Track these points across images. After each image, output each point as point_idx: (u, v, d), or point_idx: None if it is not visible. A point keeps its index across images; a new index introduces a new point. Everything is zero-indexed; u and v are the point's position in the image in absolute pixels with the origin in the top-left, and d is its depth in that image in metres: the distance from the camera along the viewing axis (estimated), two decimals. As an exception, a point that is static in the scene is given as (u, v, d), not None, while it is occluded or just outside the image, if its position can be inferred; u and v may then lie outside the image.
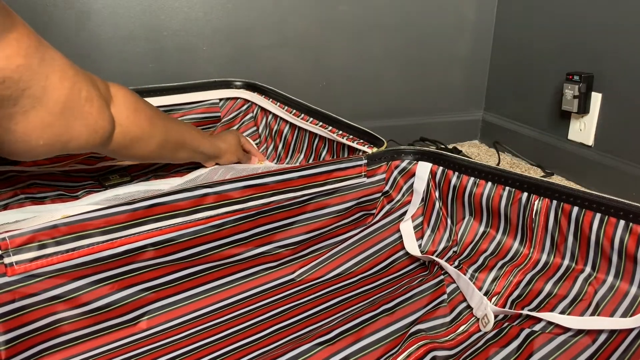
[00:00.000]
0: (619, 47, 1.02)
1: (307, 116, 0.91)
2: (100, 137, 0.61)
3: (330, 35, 1.21)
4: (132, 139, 0.67)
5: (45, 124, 0.55)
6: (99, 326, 0.52)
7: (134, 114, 0.67)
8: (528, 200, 0.61)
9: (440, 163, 0.71)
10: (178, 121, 0.79)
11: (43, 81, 0.53)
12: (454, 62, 1.37)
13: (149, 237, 0.54)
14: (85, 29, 1.02)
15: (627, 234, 0.53)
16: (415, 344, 0.52)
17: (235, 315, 0.59)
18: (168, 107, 1.00)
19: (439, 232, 0.70)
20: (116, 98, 0.65)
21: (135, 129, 0.67)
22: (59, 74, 0.55)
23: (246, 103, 1.06)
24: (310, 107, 0.91)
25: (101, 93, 0.62)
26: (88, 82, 0.59)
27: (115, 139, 0.65)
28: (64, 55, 0.57)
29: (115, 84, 0.67)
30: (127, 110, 0.66)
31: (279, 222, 0.63)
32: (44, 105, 0.54)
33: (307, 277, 0.65)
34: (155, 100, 0.98)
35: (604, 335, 0.50)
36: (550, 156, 1.21)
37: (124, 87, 0.68)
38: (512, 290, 0.60)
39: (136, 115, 0.67)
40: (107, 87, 0.65)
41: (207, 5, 1.09)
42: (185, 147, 0.78)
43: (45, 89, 0.53)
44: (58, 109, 0.55)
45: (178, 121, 0.79)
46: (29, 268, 0.48)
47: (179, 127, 0.77)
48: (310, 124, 0.89)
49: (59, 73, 0.55)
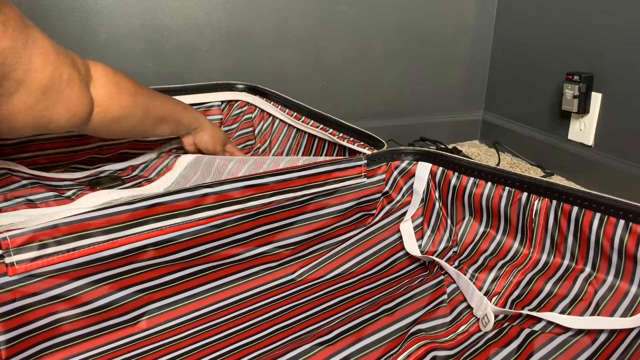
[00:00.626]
0: (619, 47, 1.02)
1: (308, 119, 0.91)
2: (79, 119, 0.63)
3: (330, 35, 1.21)
4: (112, 118, 0.68)
5: (28, 106, 0.56)
6: (99, 326, 0.53)
7: (115, 94, 0.68)
8: (528, 200, 0.61)
9: (440, 163, 0.71)
10: (160, 95, 0.79)
11: (26, 64, 0.54)
12: (454, 62, 1.37)
13: (149, 237, 0.54)
14: (85, 28, 1.02)
15: (627, 234, 0.53)
16: (416, 344, 0.52)
17: (235, 316, 0.59)
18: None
19: (439, 233, 0.70)
20: (96, 77, 0.66)
21: (116, 108, 0.68)
22: (42, 57, 0.56)
23: (246, 105, 1.06)
24: (310, 109, 0.91)
25: (81, 74, 0.62)
26: (69, 64, 0.60)
27: (95, 119, 0.66)
28: (45, 35, 0.57)
29: (96, 63, 0.67)
30: (107, 90, 0.67)
31: (279, 222, 0.63)
32: (26, 88, 0.55)
33: (307, 277, 0.65)
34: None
35: (604, 335, 0.50)
36: (550, 156, 1.21)
37: (105, 66, 0.68)
38: (512, 290, 0.60)
39: (117, 95, 0.68)
40: (87, 66, 0.65)
41: (207, 6, 1.09)
42: (167, 121, 0.79)
43: (28, 72, 0.54)
44: (40, 92, 0.56)
45: (160, 95, 0.79)
46: (29, 268, 0.48)
47: (161, 100, 0.77)
48: (311, 127, 0.89)
49: (42, 56, 0.56)
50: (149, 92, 0.76)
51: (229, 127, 1.06)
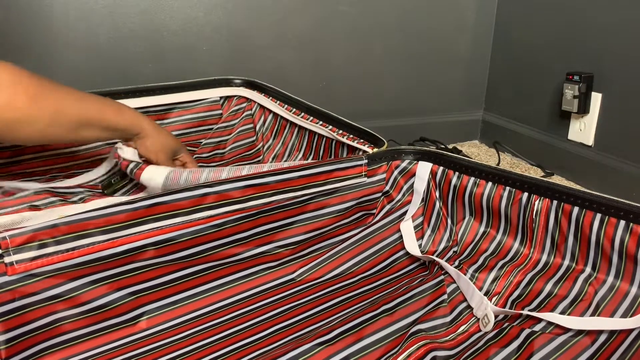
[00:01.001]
0: (619, 47, 1.02)
1: (307, 115, 0.91)
2: None
3: (330, 35, 1.21)
4: (8, 123, 0.62)
5: None
6: (99, 326, 0.52)
7: (10, 96, 0.61)
8: (528, 201, 0.61)
9: (440, 163, 0.71)
10: (86, 97, 0.71)
11: None
12: (454, 62, 1.37)
13: (149, 237, 0.54)
14: (85, 28, 1.02)
15: (628, 235, 0.53)
16: (416, 344, 0.52)
17: (235, 315, 0.59)
18: (168, 105, 1.00)
19: (439, 232, 0.70)
20: None
21: (10, 111, 0.62)
22: None
23: (246, 101, 1.06)
24: (310, 105, 0.91)
25: None
26: None
27: None
28: None
29: None
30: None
31: (279, 221, 0.63)
32: None
33: (307, 277, 0.65)
34: (155, 99, 0.98)
35: (604, 336, 0.50)
36: (550, 156, 1.21)
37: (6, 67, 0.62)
38: (512, 290, 0.60)
39: (12, 96, 0.62)
40: None
41: (207, 6, 1.09)
42: (92, 126, 0.71)
43: None
44: None
45: (86, 97, 0.71)
46: (29, 267, 0.48)
47: (82, 104, 0.70)
48: (310, 123, 0.89)
49: None
50: (67, 94, 0.68)
51: (228, 123, 1.06)
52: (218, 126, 1.05)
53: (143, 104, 0.97)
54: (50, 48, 1.01)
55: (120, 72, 1.06)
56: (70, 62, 1.03)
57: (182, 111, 1.02)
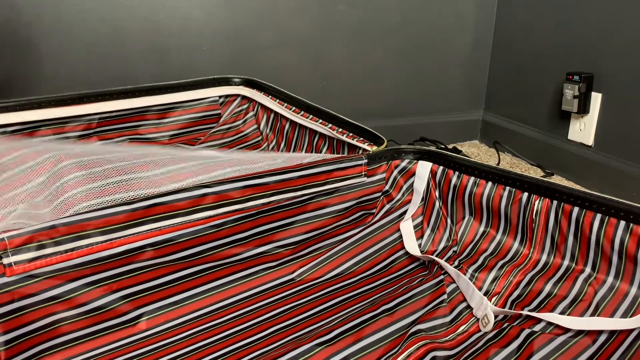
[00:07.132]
0: (619, 47, 1.02)
1: (307, 113, 0.91)
2: None
3: (330, 35, 1.21)
4: None
5: None
6: (98, 326, 0.52)
7: None
8: (528, 201, 0.61)
9: (440, 162, 0.71)
10: None
11: None
12: (454, 62, 1.37)
13: (148, 237, 0.54)
14: (85, 28, 1.02)
15: (628, 235, 0.52)
16: (415, 344, 0.52)
17: (235, 316, 0.59)
18: (167, 105, 1.00)
19: (438, 232, 0.70)
20: None
21: None
22: None
23: (247, 101, 1.06)
24: (309, 104, 0.91)
25: None
26: None
27: None
28: None
29: None
30: None
31: (278, 221, 0.63)
32: None
33: (307, 277, 0.65)
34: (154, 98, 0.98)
35: (604, 336, 0.50)
36: (550, 156, 1.21)
37: None
38: (512, 291, 0.60)
39: None
40: None
41: (207, 6, 1.09)
42: None
43: None
44: None
45: None
46: (27, 268, 0.48)
47: None
48: (310, 121, 0.89)
49: None
50: None
51: (230, 125, 1.05)
52: (219, 128, 1.05)
53: (143, 103, 0.97)
54: (50, 48, 1.01)
55: (120, 71, 1.06)
56: (70, 62, 1.03)
57: (181, 111, 1.02)
